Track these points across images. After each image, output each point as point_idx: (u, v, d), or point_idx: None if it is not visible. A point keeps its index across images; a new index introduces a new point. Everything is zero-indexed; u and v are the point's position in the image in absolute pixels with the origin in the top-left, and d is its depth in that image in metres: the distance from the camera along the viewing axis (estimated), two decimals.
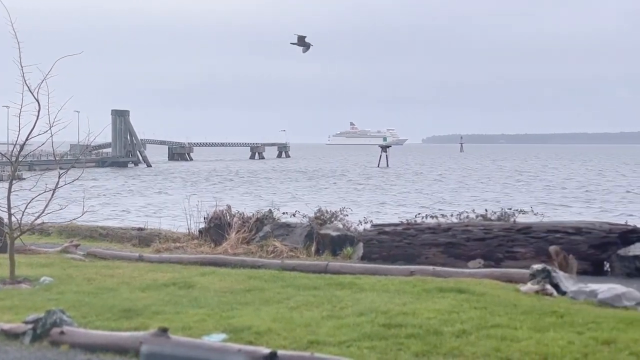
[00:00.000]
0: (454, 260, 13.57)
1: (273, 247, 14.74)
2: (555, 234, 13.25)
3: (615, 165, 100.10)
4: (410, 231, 14.36)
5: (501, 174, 72.29)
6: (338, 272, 11.31)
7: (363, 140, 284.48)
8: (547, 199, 39.18)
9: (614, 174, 73.86)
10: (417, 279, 10.10)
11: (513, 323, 7.45)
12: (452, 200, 39.24)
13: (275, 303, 8.66)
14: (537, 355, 6.38)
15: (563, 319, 7.70)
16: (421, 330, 7.22)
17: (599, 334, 7.03)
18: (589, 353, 6.44)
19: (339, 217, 15.82)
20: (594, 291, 9.17)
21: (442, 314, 7.83)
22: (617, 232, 13.19)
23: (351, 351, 6.64)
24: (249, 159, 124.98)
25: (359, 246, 14.72)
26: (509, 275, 10.68)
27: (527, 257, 12.93)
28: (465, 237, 13.87)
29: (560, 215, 27.71)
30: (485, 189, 49.77)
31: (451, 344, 6.75)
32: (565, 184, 54.50)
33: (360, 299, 8.71)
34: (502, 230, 13.77)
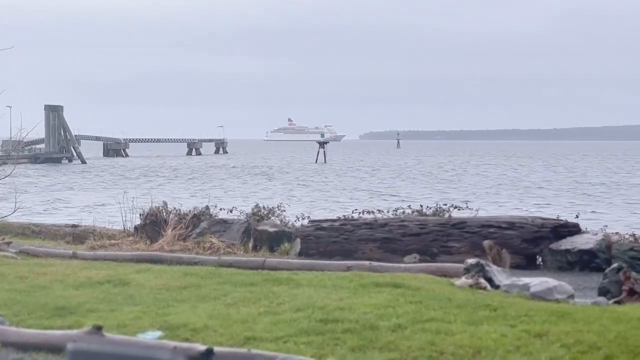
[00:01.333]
0: (390, 255, 13.70)
1: (210, 243, 14.66)
2: (489, 229, 13.46)
3: (544, 160, 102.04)
4: (347, 227, 14.43)
5: (437, 170, 73.11)
6: (275, 268, 11.32)
7: (301, 136, 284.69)
8: (476, 195, 39.74)
9: (542, 169, 75.34)
10: (354, 274, 10.15)
11: (447, 317, 7.55)
12: (389, 196, 39.53)
13: (211, 300, 8.62)
14: (471, 348, 6.48)
15: (496, 312, 7.82)
16: (357, 325, 7.26)
17: (531, 326, 7.16)
18: (521, 345, 6.55)
19: (276, 213, 15.82)
20: (527, 285, 9.34)
21: (378, 308, 7.89)
22: (549, 226, 13.46)
23: (288, 347, 6.65)
24: (186, 155, 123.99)
25: (297, 242, 14.75)
26: (443, 269, 10.81)
27: (461, 252, 13.11)
28: (401, 232, 14.00)
29: (492, 210, 28.13)
30: (420, 185, 50.26)
31: (387, 338, 6.81)
32: (496, 180, 55.34)
33: (297, 295, 8.72)
34: (437, 225, 13.94)
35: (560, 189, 45.40)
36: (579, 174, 64.82)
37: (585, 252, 12.86)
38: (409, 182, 52.98)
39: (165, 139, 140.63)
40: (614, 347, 6.46)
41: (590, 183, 51.85)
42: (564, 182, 52.33)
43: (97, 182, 56.91)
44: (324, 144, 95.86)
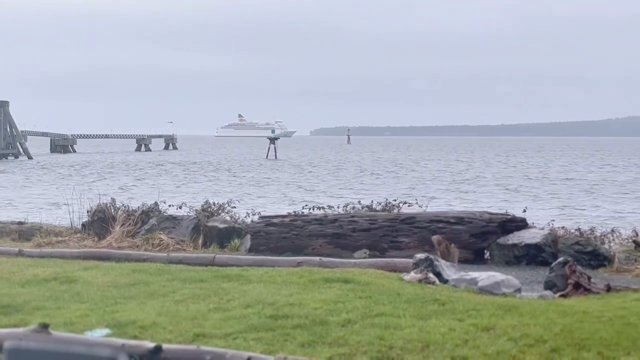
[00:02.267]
0: (340, 250, 13.74)
1: (159, 240, 14.54)
2: (438, 224, 13.58)
3: (490, 155, 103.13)
4: (298, 222, 14.44)
5: (386, 165, 73.47)
6: (225, 264, 11.27)
7: (251, 132, 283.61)
8: (424, 191, 40.04)
9: (491, 163, 76.22)
10: (304, 270, 10.16)
11: (397, 311, 7.60)
12: (339, 192, 39.62)
13: (160, 297, 8.55)
14: (420, 342, 6.53)
15: (445, 306, 7.89)
16: (307, 320, 7.27)
17: (479, 320, 7.24)
18: (469, 339, 6.62)
19: (226, 210, 15.75)
20: (475, 279, 9.44)
21: (328, 304, 7.91)
22: (497, 221, 13.62)
23: (237, 343, 6.63)
24: (135, 151, 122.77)
25: (247, 238, 14.71)
26: (393, 264, 10.88)
27: (411, 247, 13.21)
28: (351, 228, 14.05)
29: (434, 206, 28.36)
30: (370, 181, 50.46)
31: (337, 334, 6.83)
32: (440, 176, 55.83)
33: (247, 291, 8.70)
34: (387, 220, 14.02)
35: (502, 184, 45.91)
36: (521, 169, 65.65)
37: (532, 246, 13.04)
38: (360, 178, 53.15)
39: (114, 135, 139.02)
40: (559, 340, 6.57)
41: (530, 177, 52.56)
42: (509, 177, 52.95)
43: (44, 179, 56.07)
44: (274, 139, 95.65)
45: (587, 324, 7.05)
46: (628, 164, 77.93)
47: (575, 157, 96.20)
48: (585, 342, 6.47)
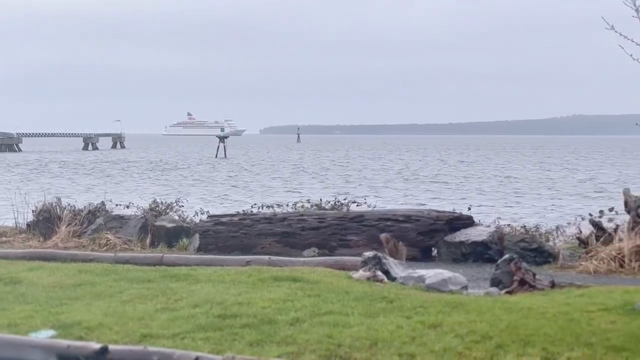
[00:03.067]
0: (289, 249, 13.75)
1: (106, 240, 14.41)
2: (386, 222, 13.67)
3: (436, 153, 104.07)
4: (247, 221, 14.41)
5: (333, 164, 73.67)
6: (173, 264, 11.20)
7: (201, 130, 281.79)
8: (370, 189, 40.27)
9: (435, 161, 76.91)
10: (253, 269, 10.14)
11: (345, 309, 7.63)
12: (288, 190, 39.62)
13: (107, 297, 8.47)
14: (368, 340, 6.56)
15: (392, 304, 7.94)
16: (256, 319, 7.26)
17: (426, 317, 7.31)
18: (416, 336, 6.68)
19: (174, 209, 15.66)
20: (422, 276, 9.52)
21: (277, 302, 7.91)
22: (444, 219, 13.76)
23: (185, 343, 6.59)
24: (82, 150, 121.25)
25: (195, 237, 14.64)
26: (342, 262, 10.91)
27: (359, 245, 13.28)
28: (301, 227, 14.07)
29: (388, 204, 28.55)
30: (320, 179, 50.56)
31: (285, 332, 6.84)
32: (386, 174, 56.19)
33: (195, 291, 8.66)
34: (336, 219, 14.07)
35: (447, 182, 46.39)
36: (465, 167, 66.37)
37: (478, 243, 13.20)
38: (309, 177, 53.24)
39: (61, 134, 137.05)
40: (505, 336, 6.66)
41: (474, 175, 53.19)
42: (454, 176, 53.51)
43: None
44: (224, 138, 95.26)
45: (531, 320, 7.16)
46: (564, 162, 79.25)
47: (516, 156, 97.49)
48: (529, 338, 6.57)
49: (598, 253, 12.24)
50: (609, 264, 12.01)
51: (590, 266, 12.05)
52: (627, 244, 12.13)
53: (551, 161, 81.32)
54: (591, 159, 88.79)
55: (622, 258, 12.04)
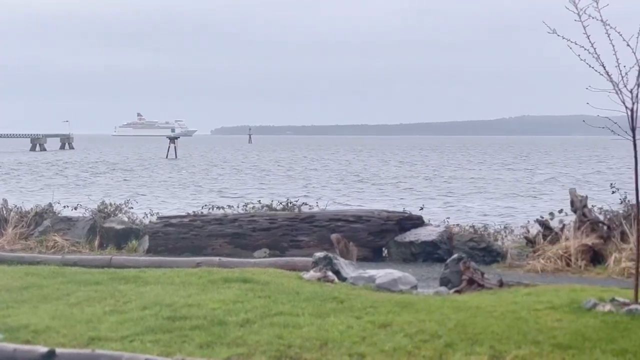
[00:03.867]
0: (240, 250, 13.72)
1: (53, 242, 14.25)
2: (337, 222, 13.72)
3: (385, 154, 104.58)
4: (197, 222, 14.35)
5: (283, 165, 73.65)
6: (122, 266, 11.09)
7: (151, 131, 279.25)
8: (320, 190, 40.36)
9: (388, 162, 77.37)
10: (203, 270, 10.09)
11: (295, 310, 7.63)
12: (238, 191, 39.50)
13: (54, 300, 8.35)
14: (318, 340, 6.57)
15: (343, 304, 7.97)
16: (206, 321, 7.23)
17: (376, 317, 7.35)
18: (366, 336, 6.71)
19: (123, 210, 15.52)
20: (373, 276, 9.56)
21: (227, 304, 7.88)
22: (394, 219, 13.86)
23: (134, 345, 6.54)
24: (29, 151, 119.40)
25: (145, 239, 14.53)
26: (292, 263, 10.92)
27: (310, 246, 13.30)
28: (251, 228, 14.05)
29: (338, 204, 28.61)
30: (270, 181, 50.49)
31: (235, 334, 6.82)
32: (336, 175, 56.34)
33: (144, 293, 8.58)
34: (287, 219, 14.08)
35: (396, 183, 46.65)
36: (414, 167, 66.85)
37: (428, 243, 13.31)
38: (259, 178, 53.14)
39: (7, 135, 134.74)
40: (453, 335, 6.72)
41: (423, 176, 53.60)
42: (403, 176, 53.85)
43: None
44: (174, 139, 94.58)
45: (480, 319, 7.24)
46: (513, 162, 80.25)
47: (464, 156, 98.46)
48: (478, 337, 6.64)
49: (545, 252, 12.44)
50: (556, 263, 12.21)
51: (537, 265, 12.23)
52: (574, 243, 12.34)
53: (497, 161, 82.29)
54: (537, 158, 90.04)
55: (568, 257, 12.25)
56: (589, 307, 7.61)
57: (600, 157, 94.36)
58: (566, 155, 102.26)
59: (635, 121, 7.82)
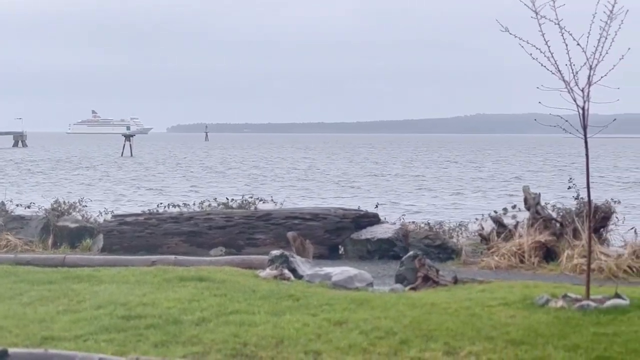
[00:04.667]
0: (196, 248, 13.67)
1: (6, 241, 14.07)
2: (293, 220, 13.73)
3: (340, 152, 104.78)
4: (152, 221, 14.25)
5: (238, 162, 73.44)
6: (76, 265, 10.98)
7: (106, 129, 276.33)
8: (273, 188, 40.32)
9: (338, 161, 77.49)
10: (158, 269, 10.03)
11: (251, 308, 7.62)
12: (194, 189, 39.29)
13: (6, 299, 8.24)
14: (274, 338, 6.58)
15: (299, 302, 7.98)
16: (161, 320, 7.19)
17: (332, 315, 7.37)
18: (322, 334, 6.73)
19: (77, 209, 15.37)
20: (329, 274, 9.59)
21: (182, 302, 7.85)
22: (351, 217, 13.91)
23: (88, 345, 6.48)
24: None
25: (99, 238, 14.40)
26: (249, 261, 10.91)
27: (267, 244, 13.29)
28: (207, 226, 14.00)
29: (293, 202, 28.60)
30: (227, 178, 50.33)
31: (191, 332, 6.79)
32: (290, 173, 56.33)
33: (98, 292, 8.51)
34: (243, 217, 14.05)
35: (349, 180, 46.78)
36: (367, 165, 67.07)
37: (384, 241, 13.39)
38: (217, 176, 52.92)
39: None
40: (408, 331, 6.77)
41: (375, 174, 53.86)
42: (356, 174, 54.01)
43: None
44: (130, 136, 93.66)
45: (434, 316, 7.30)
46: (467, 160, 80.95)
47: (420, 154, 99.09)
48: (432, 333, 6.70)
49: (499, 249, 12.58)
50: (510, 260, 12.36)
51: (491, 262, 12.37)
52: (527, 239, 12.50)
53: (454, 159, 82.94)
54: (492, 156, 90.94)
55: (522, 254, 12.40)
56: (541, 303, 7.71)
57: (548, 155, 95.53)
58: (515, 153, 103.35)
59: (586, 119, 7.95)
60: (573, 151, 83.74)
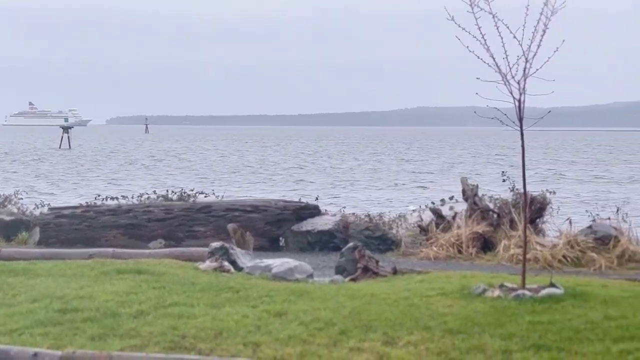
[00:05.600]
0: (135, 241, 13.54)
1: None
2: (234, 212, 13.70)
3: (278, 144, 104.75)
4: (90, 213, 14.08)
5: (176, 155, 72.87)
6: (11, 258, 10.75)
7: (43, 121, 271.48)
8: (213, 180, 40.13)
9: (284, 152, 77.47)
10: (96, 262, 9.89)
11: (190, 301, 7.58)
12: (132, 182, 38.87)
13: None
14: (213, 330, 6.55)
15: (239, 294, 7.96)
16: (98, 313, 7.10)
17: (272, 306, 7.36)
18: (261, 325, 6.72)
19: (13, 201, 15.13)
20: (269, 266, 9.59)
21: (120, 295, 7.77)
22: (291, 209, 13.93)
23: (23, 339, 6.37)
24: None
25: (36, 231, 14.17)
26: (188, 254, 10.84)
27: (207, 236, 13.22)
28: (147, 218, 13.88)
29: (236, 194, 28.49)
30: (164, 172, 49.88)
31: (128, 325, 6.72)
32: (232, 165, 56.15)
33: (34, 285, 8.36)
34: (183, 210, 13.97)
35: (288, 173, 46.82)
36: (309, 158, 67.16)
37: (324, 232, 13.44)
38: (153, 168, 52.42)
39: None
40: (348, 322, 6.80)
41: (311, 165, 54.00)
42: (293, 167, 54.06)
43: None
44: (68, 128, 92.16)
45: (374, 306, 7.35)
46: (403, 152, 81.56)
47: (358, 146, 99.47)
48: (372, 324, 6.74)
49: (438, 240, 12.73)
50: (448, 250, 12.52)
51: (430, 253, 12.51)
52: (465, 230, 12.67)
53: (391, 152, 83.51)
54: (429, 148, 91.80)
55: (460, 244, 12.57)
56: (478, 292, 7.82)
57: (482, 147, 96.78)
58: (452, 145, 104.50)
59: (522, 112, 8.07)
60: (511, 144, 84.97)
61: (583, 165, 56.88)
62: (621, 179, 42.22)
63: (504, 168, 16.52)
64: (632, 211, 15.69)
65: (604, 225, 12.63)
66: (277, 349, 6.12)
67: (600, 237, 12.23)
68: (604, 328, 6.58)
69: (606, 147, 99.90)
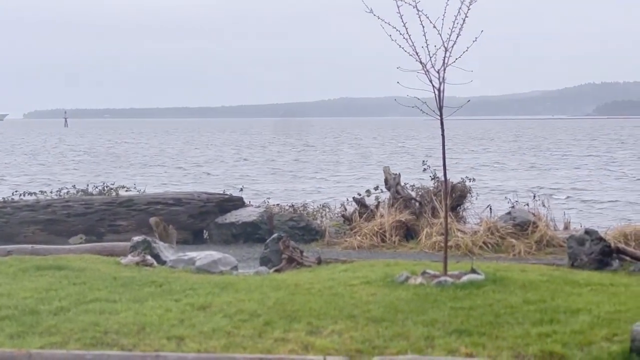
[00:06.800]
0: (55, 237, 13.28)
1: None
2: (156, 206, 13.54)
3: (201, 136, 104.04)
4: (7, 209, 13.74)
5: (90, 148, 71.68)
6: None
7: None
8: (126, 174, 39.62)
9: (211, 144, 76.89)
10: (14, 259, 9.68)
11: (112, 296, 7.47)
12: (51, 177, 38.07)
13: None
14: (135, 325, 6.45)
15: (162, 287, 7.88)
16: (17, 311, 6.93)
17: (196, 299, 7.30)
18: (185, 319, 6.65)
19: None
20: (192, 259, 9.51)
21: (40, 292, 7.60)
22: (215, 201, 13.83)
23: None
24: None
25: None
26: (110, 248, 10.69)
27: (129, 230, 13.05)
28: (66, 213, 13.61)
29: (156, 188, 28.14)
30: (85, 165, 49.03)
31: (48, 322, 6.58)
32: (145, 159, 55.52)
33: None
34: (104, 204, 13.74)
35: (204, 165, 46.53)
36: (224, 150, 66.86)
37: (248, 224, 13.39)
38: (76, 163, 51.44)
39: None
40: (272, 313, 6.79)
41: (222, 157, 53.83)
42: (210, 159, 53.79)
43: None
44: None
45: (298, 297, 7.36)
46: (329, 144, 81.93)
47: (285, 137, 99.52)
48: (296, 314, 6.74)
49: (362, 229, 12.82)
50: (372, 239, 12.61)
51: (354, 242, 12.59)
52: (388, 219, 12.79)
53: (313, 143, 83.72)
54: (351, 138, 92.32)
55: (383, 233, 12.68)
56: (401, 280, 7.90)
57: (403, 137, 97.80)
58: (375, 135, 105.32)
59: (442, 101, 8.17)
60: (429, 133, 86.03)
61: (501, 153, 57.95)
62: (539, 166, 43.12)
63: (420, 158, 16.71)
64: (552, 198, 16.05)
65: (522, 212, 12.90)
66: (202, 342, 6.07)
67: (519, 223, 12.49)
68: (523, 312, 6.72)
69: (523, 135, 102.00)
